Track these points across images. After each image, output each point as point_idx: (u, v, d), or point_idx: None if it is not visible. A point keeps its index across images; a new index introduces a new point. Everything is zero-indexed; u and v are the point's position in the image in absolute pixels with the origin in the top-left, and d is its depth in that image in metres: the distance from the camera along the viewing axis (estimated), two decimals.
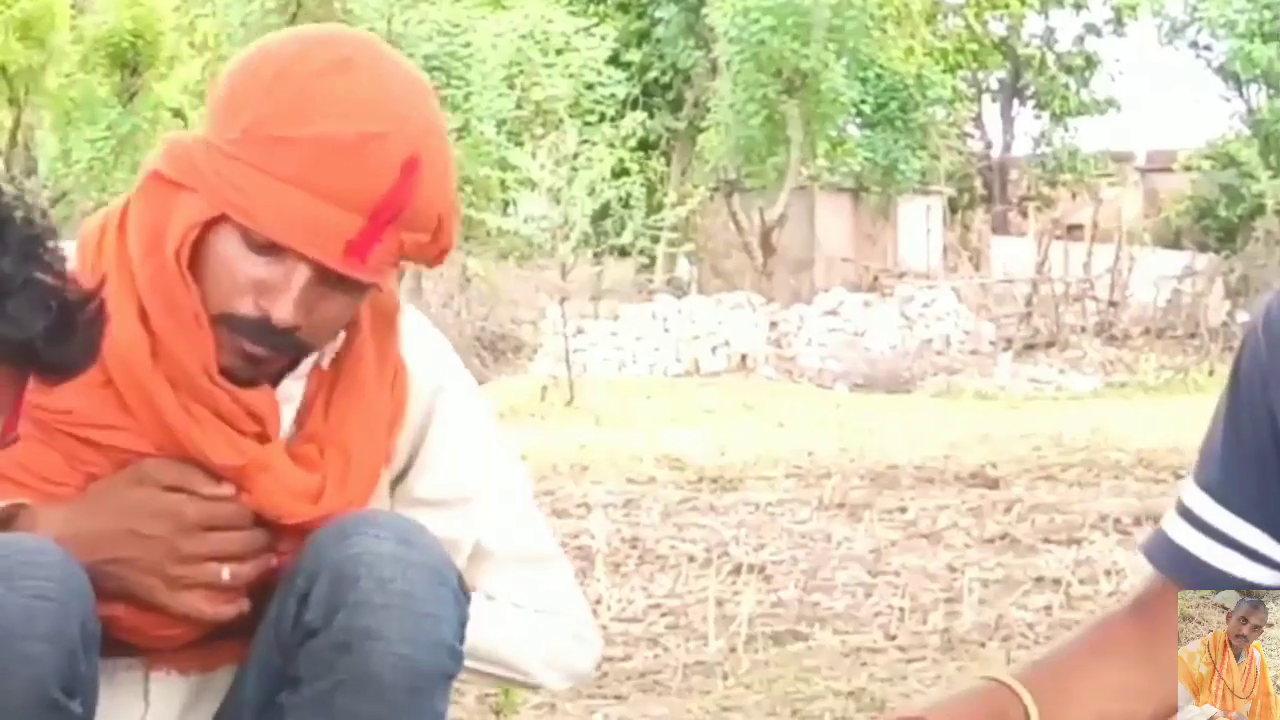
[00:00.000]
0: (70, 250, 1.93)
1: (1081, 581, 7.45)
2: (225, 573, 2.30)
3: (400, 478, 2.56)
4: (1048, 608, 6.87)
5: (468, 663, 2.45)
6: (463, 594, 2.38)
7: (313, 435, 2.44)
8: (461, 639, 2.36)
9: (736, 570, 7.74)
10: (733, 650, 5.92)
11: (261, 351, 2.36)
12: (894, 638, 6.28)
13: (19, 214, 1.70)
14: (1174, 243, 31.14)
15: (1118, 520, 9.22)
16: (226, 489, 2.34)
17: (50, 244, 1.71)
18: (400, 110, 2.38)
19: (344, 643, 2.28)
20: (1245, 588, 2.19)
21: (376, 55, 2.47)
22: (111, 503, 2.32)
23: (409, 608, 2.29)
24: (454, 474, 2.58)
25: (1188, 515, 2.25)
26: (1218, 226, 30.87)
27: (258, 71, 2.35)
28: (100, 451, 2.36)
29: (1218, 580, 2.18)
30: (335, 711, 2.30)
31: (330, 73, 2.34)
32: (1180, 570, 2.22)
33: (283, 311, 2.30)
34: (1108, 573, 7.63)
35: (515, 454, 2.79)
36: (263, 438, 2.39)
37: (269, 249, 2.29)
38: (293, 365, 2.44)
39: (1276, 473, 2.17)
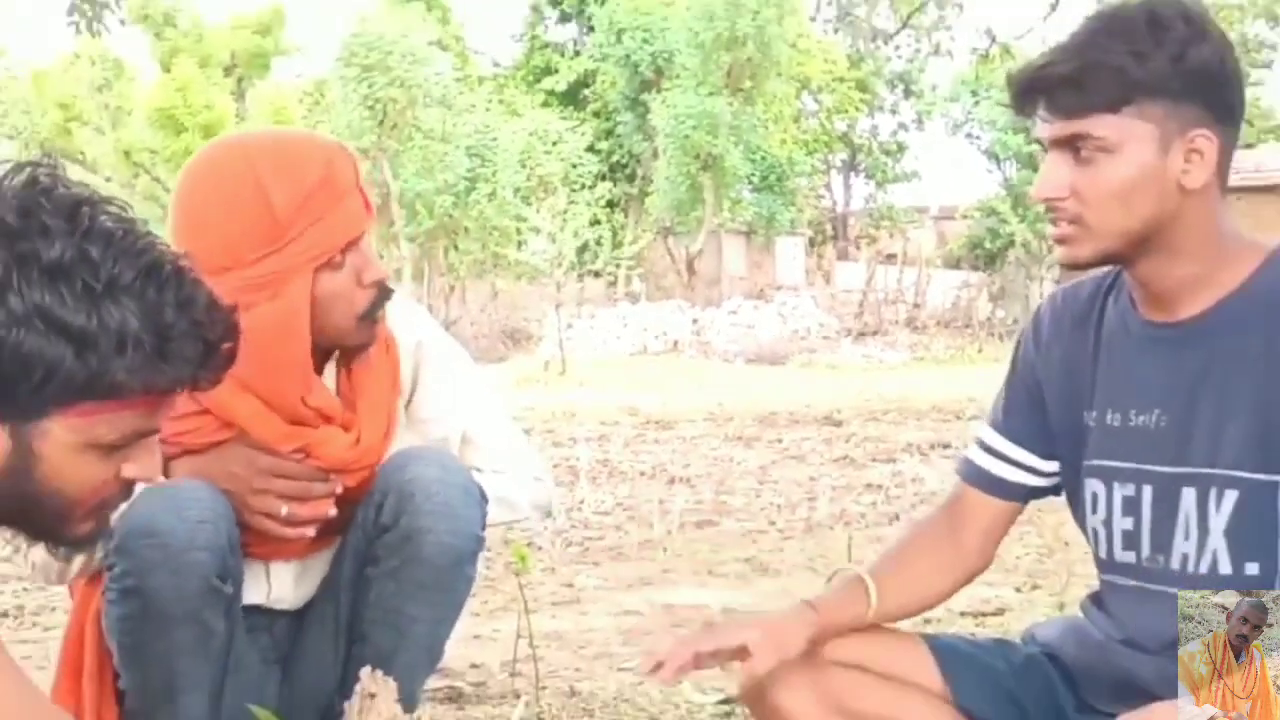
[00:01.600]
0: None
1: (896, 486, 7.40)
2: (284, 509, 2.24)
3: (406, 405, 2.49)
4: (874, 503, 6.79)
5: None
6: (482, 498, 2.37)
7: (347, 403, 2.37)
8: (483, 528, 2.38)
9: (671, 481, 7.73)
10: (669, 533, 5.89)
11: (379, 311, 2.33)
12: (774, 523, 6.23)
13: (172, 261, 1.52)
14: (955, 265, 31.01)
15: (919, 446, 9.13)
16: (294, 454, 2.29)
17: (197, 283, 1.53)
18: (312, 140, 2.38)
19: (406, 535, 2.29)
20: (1013, 491, 2.22)
21: (266, 133, 2.56)
22: (223, 455, 2.26)
23: (448, 512, 2.30)
24: (439, 398, 2.51)
25: (982, 445, 2.24)
26: (984, 255, 30.76)
27: (241, 199, 2.24)
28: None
29: (997, 483, 2.21)
30: (402, 579, 2.30)
31: (275, 152, 2.29)
32: (977, 480, 2.22)
33: (379, 270, 2.31)
34: (913, 480, 7.57)
35: (479, 375, 2.69)
36: (326, 421, 2.34)
37: (343, 256, 2.26)
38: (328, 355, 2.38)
39: (1039, 417, 2.19)
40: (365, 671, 2.15)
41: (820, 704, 2.13)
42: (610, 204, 29.56)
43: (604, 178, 30.51)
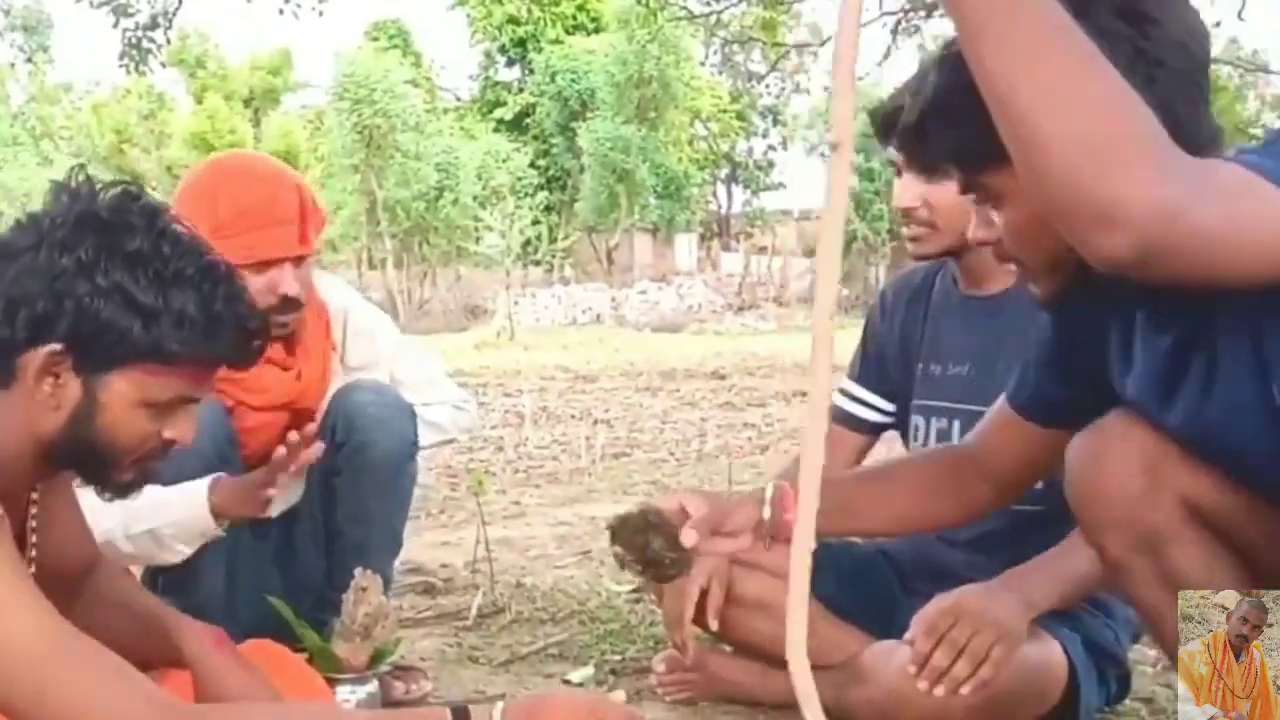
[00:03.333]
0: None
1: (766, 425, 7.43)
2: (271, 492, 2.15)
3: (341, 359, 2.47)
4: (749, 438, 6.82)
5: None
6: (411, 413, 2.37)
7: (289, 352, 2.36)
8: (415, 436, 2.37)
9: (595, 422, 7.72)
10: (593, 462, 5.91)
11: (286, 317, 2.28)
12: (673, 454, 6.26)
13: (225, 265, 1.52)
14: (812, 255, 31.17)
15: (784, 394, 9.17)
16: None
17: (242, 285, 1.54)
18: (279, 173, 2.33)
19: (356, 448, 2.30)
20: (866, 426, 2.27)
21: (248, 156, 2.46)
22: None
23: (385, 426, 2.32)
24: (365, 350, 2.49)
25: (844, 393, 2.29)
26: None
27: (204, 194, 2.23)
28: None
29: (856, 420, 2.26)
30: (360, 482, 2.32)
31: (240, 172, 2.29)
32: (842, 419, 2.27)
33: (292, 288, 2.25)
34: (779, 420, 7.65)
35: (399, 334, 2.63)
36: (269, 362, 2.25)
37: (264, 266, 2.21)
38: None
39: (883, 369, 2.26)
40: (358, 570, 2.15)
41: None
42: (547, 208, 29.38)
43: (542, 188, 30.36)
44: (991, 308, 2.07)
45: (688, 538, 1.51)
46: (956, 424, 2.10)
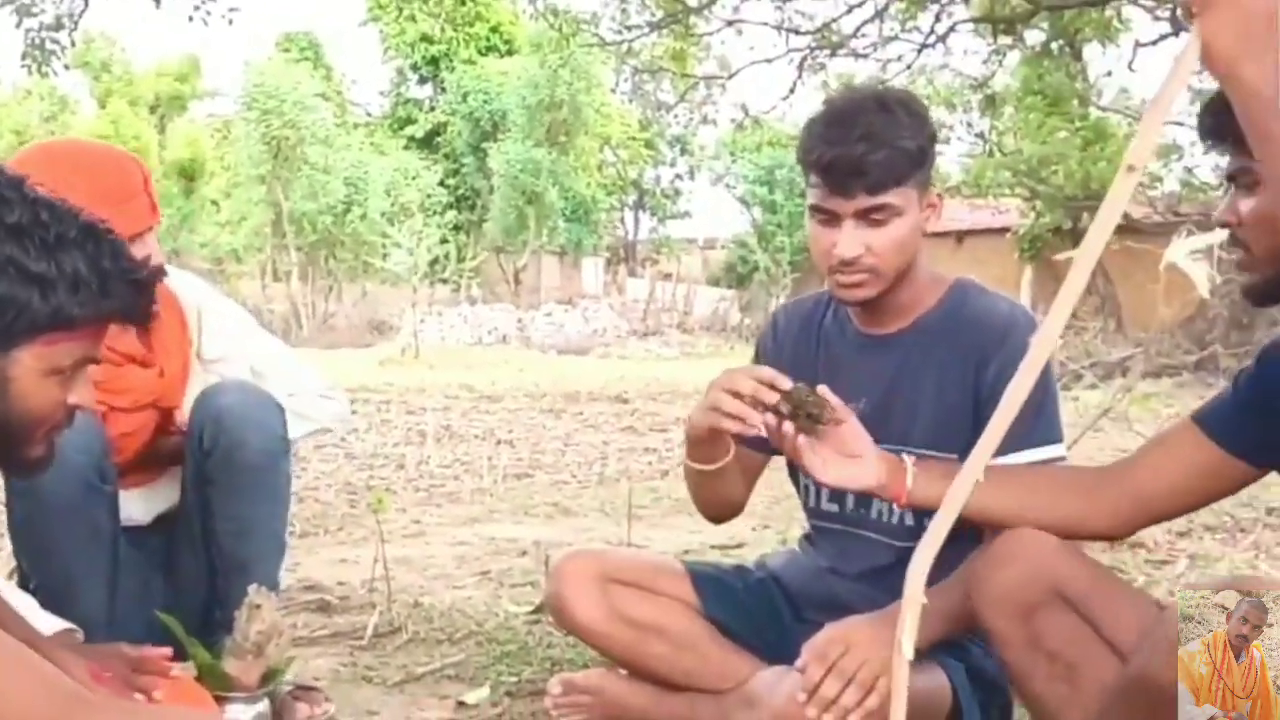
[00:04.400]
0: None
1: (667, 450, 7.41)
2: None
3: (197, 354, 2.44)
4: (650, 462, 6.80)
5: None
6: (279, 408, 2.30)
7: (146, 348, 2.32)
8: (285, 431, 2.30)
9: (498, 443, 7.67)
10: (495, 482, 5.88)
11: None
12: (575, 476, 6.24)
13: (100, 223, 1.50)
14: (715, 283, 31.30)
15: (685, 419, 9.23)
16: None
17: (120, 240, 1.52)
18: (110, 152, 2.30)
19: (226, 453, 2.24)
20: (762, 444, 2.15)
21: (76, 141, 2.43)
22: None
23: (254, 425, 2.26)
24: (222, 343, 2.45)
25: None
26: (736, 277, 31.01)
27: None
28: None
29: (754, 440, 2.10)
30: (234, 488, 2.25)
31: (76, 157, 2.22)
32: (740, 441, 2.16)
33: (159, 257, 2.17)
34: (681, 446, 7.63)
35: (256, 327, 2.58)
36: (130, 360, 2.28)
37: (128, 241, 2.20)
38: None
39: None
40: (252, 587, 2.11)
41: (607, 614, 2.17)
42: (456, 227, 29.20)
43: (451, 207, 30.21)
44: (888, 346, 2.10)
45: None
46: None
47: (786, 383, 1.85)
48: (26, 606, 1.89)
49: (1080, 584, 1.66)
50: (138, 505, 2.38)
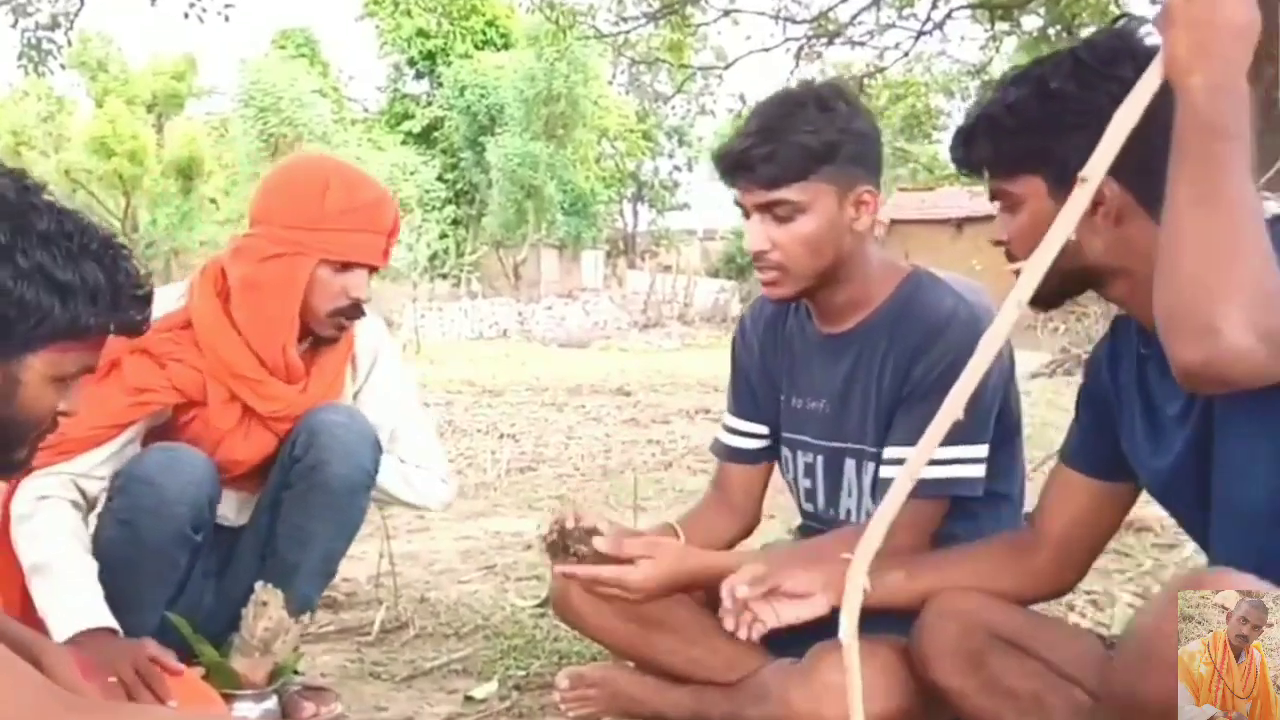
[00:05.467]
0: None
1: (670, 441, 7.41)
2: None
3: (356, 394, 2.42)
4: (653, 454, 6.78)
5: (389, 491, 2.38)
6: (377, 446, 2.29)
7: (306, 374, 2.31)
8: (375, 468, 2.29)
9: (501, 436, 7.67)
10: (498, 476, 5.88)
11: (347, 322, 2.29)
12: (579, 469, 6.22)
13: (115, 235, 1.54)
14: (715, 275, 31.35)
15: (687, 411, 9.14)
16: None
17: (132, 258, 1.55)
18: (379, 184, 2.34)
19: (312, 465, 2.22)
20: (752, 456, 2.23)
21: (348, 163, 2.40)
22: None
23: (346, 449, 2.23)
24: (381, 397, 2.43)
25: (726, 428, 2.27)
26: (736, 268, 30.98)
27: (310, 184, 2.21)
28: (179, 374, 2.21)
29: (741, 453, 2.23)
30: (307, 502, 2.24)
31: (347, 173, 2.28)
32: (729, 456, 2.25)
33: (363, 294, 2.27)
34: (682, 436, 7.60)
35: (415, 388, 2.62)
36: (289, 377, 2.28)
37: (345, 268, 2.22)
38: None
39: (754, 396, 2.23)
40: (258, 584, 2.11)
41: (612, 609, 2.13)
42: (455, 222, 29.25)
43: (450, 202, 30.23)
44: (843, 346, 2.08)
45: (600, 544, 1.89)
46: (820, 460, 2.12)
47: (570, 522, 1.95)
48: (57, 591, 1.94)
49: (1015, 625, 1.72)
50: (233, 507, 2.37)
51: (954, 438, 1.88)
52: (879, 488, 2.01)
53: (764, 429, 2.24)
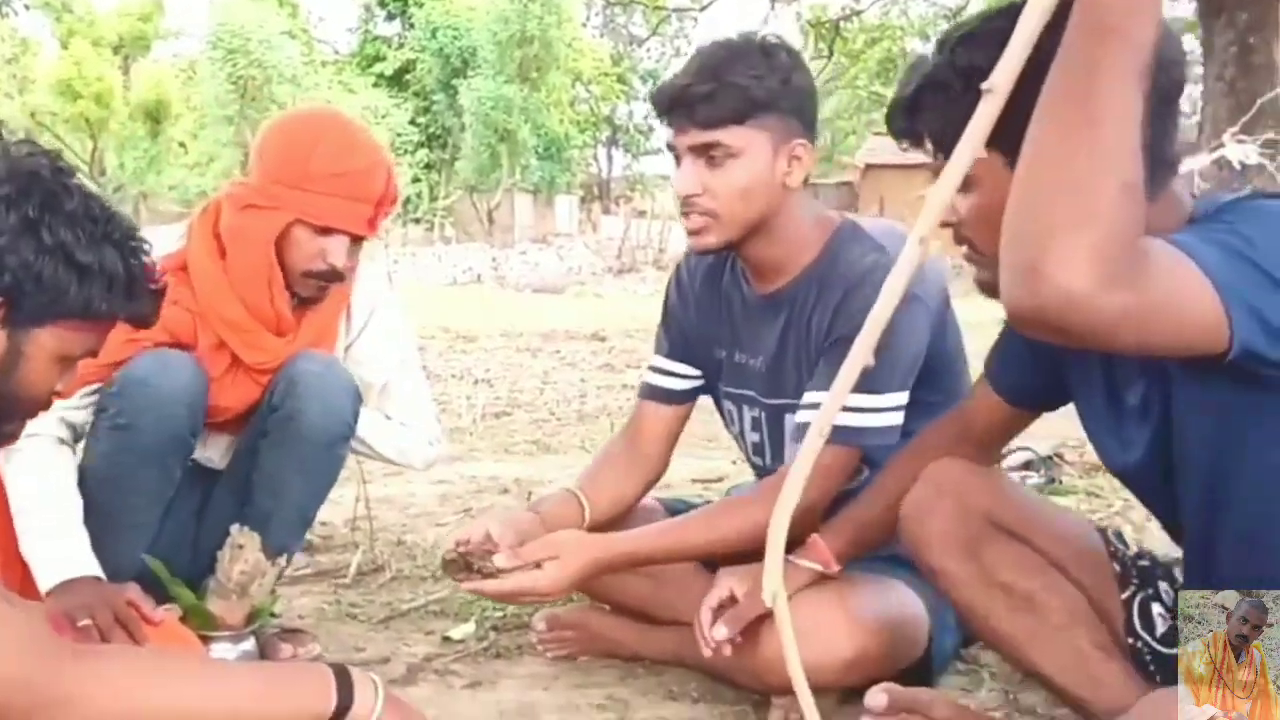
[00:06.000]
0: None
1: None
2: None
3: (348, 348, 2.38)
4: (629, 399, 6.73)
5: (372, 446, 2.35)
6: (357, 396, 2.25)
7: (296, 326, 2.27)
8: (354, 418, 2.25)
9: (476, 382, 7.62)
10: (474, 421, 5.86)
11: (325, 284, 2.23)
12: (554, 414, 6.20)
13: (136, 226, 1.57)
14: None
15: None
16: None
17: (150, 250, 1.58)
18: (377, 150, 2.25)
19: (289, 415, 2.19)
20: (678, 396, 2.22)
21: (351, 122, 2.29)
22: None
23: (324, 400, 2.20)
24: (374, 353, 2.39)
25: (652, 368, 2.26)
26: None
27: (300, 140, 2.15)
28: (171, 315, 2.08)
29: (667, 393, 2.22)
30: (284, 451, 2.21)
31: (343, 134, 2.19)
32: (653, 395, 2.23)
33: (340, 261, 2.19)
34: None
35: (414, 351, 2.54)
36: (279, 329, 2.25)
37: (325, 231, 2.16)
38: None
39: (685, 339, 2.21)
40: (234, 527, 2.11)
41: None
42: (428, 166, 29.05)
43: (422, 145, 29.99)
44: (777, 305, 2.07)
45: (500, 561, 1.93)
46: (764, 415, 2.13)
47: (468, 543, 2.00)
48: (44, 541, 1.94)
49: (1013, 510, 1.66)
50: (218, 450, 2.35)
51: (863, 386, 1.92)
52: (796, 433, 2.01)
53: (694, 371, 2.23)
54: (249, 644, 2.10)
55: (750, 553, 1.74)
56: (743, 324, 2.13)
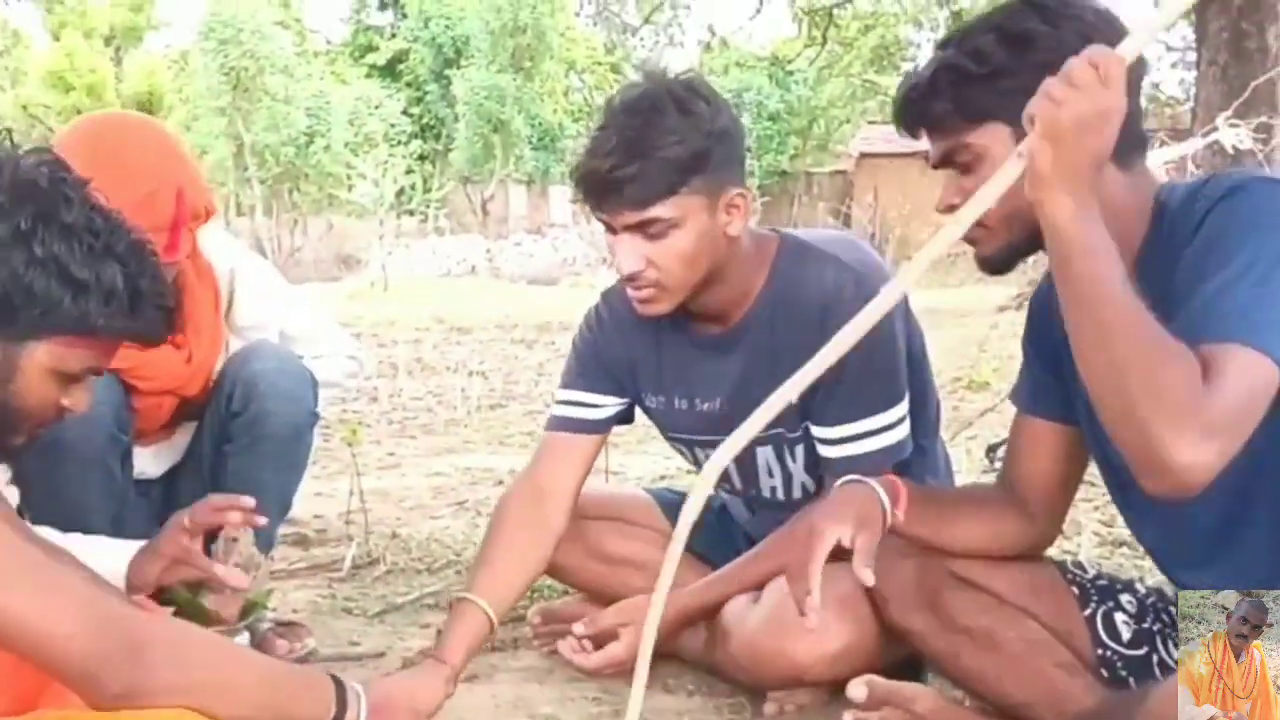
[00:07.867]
0: None
1: None
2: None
3: (227, 316, 2.38)
4: None
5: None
6: (313, 381, 2.31)
7: (183, 334, 2.18)
8: (316, 404, 2.30)
9: (470, 374, 7.58)
10: (468, 413, 5.86)
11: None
12: (549, 406, 6.24)
13: (148, 243, 1.52)
14: None
15: None
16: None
17: (162, 264, 1.55)
18: (162, 167, 2.12)
19: (255, 418, 2.23)
20: (592, 426, 2.15)
21: (133, 129, 2.15)
22: None
23: (287, 396, 2.26)
24: (255, 309, 2.40)
25: (561, 402, 2.20)
26: None
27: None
28: None
29: (578, 423, 2.15)
30: (255, 452, 2.25)
31: (114, 167, 1.94)
32: (563, 425, 2.16)
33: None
34: None
35: (287, 285, 2.52)
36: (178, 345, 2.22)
37: None
38: None
39: (604, 370, 2.17)
40: (228, 521, 2.10)
41: (581, 551, 2.25)
42: (421, 157, 28.94)
43: (416, 136, 29.90)
44: (727, 344, 2.04)
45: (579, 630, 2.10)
46: None
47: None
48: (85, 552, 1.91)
49: (970, 560, 1.74)
50: (150, 461, 2.38)
51: (877, 404, 1.92)
52: (827, 468, 1.99)
53: (604, 399, 2.18)
54: (244, 639, 2.10)
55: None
56: (690, 368, 2.08)
